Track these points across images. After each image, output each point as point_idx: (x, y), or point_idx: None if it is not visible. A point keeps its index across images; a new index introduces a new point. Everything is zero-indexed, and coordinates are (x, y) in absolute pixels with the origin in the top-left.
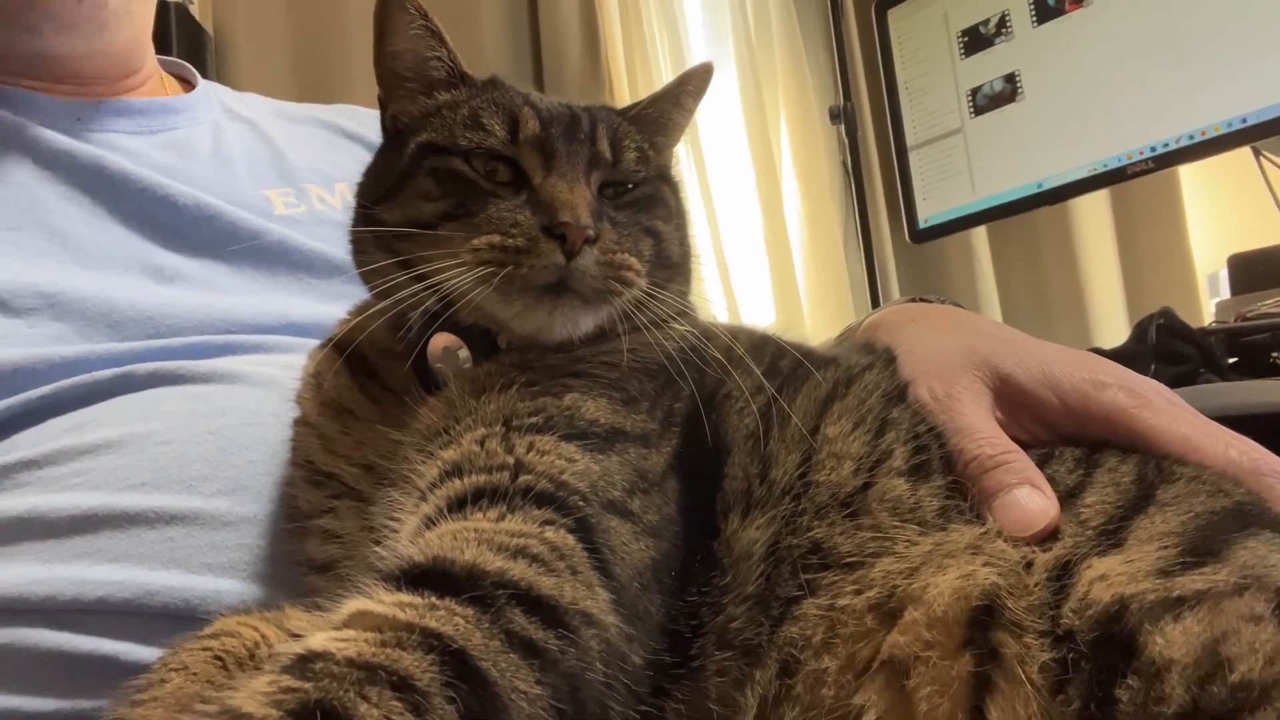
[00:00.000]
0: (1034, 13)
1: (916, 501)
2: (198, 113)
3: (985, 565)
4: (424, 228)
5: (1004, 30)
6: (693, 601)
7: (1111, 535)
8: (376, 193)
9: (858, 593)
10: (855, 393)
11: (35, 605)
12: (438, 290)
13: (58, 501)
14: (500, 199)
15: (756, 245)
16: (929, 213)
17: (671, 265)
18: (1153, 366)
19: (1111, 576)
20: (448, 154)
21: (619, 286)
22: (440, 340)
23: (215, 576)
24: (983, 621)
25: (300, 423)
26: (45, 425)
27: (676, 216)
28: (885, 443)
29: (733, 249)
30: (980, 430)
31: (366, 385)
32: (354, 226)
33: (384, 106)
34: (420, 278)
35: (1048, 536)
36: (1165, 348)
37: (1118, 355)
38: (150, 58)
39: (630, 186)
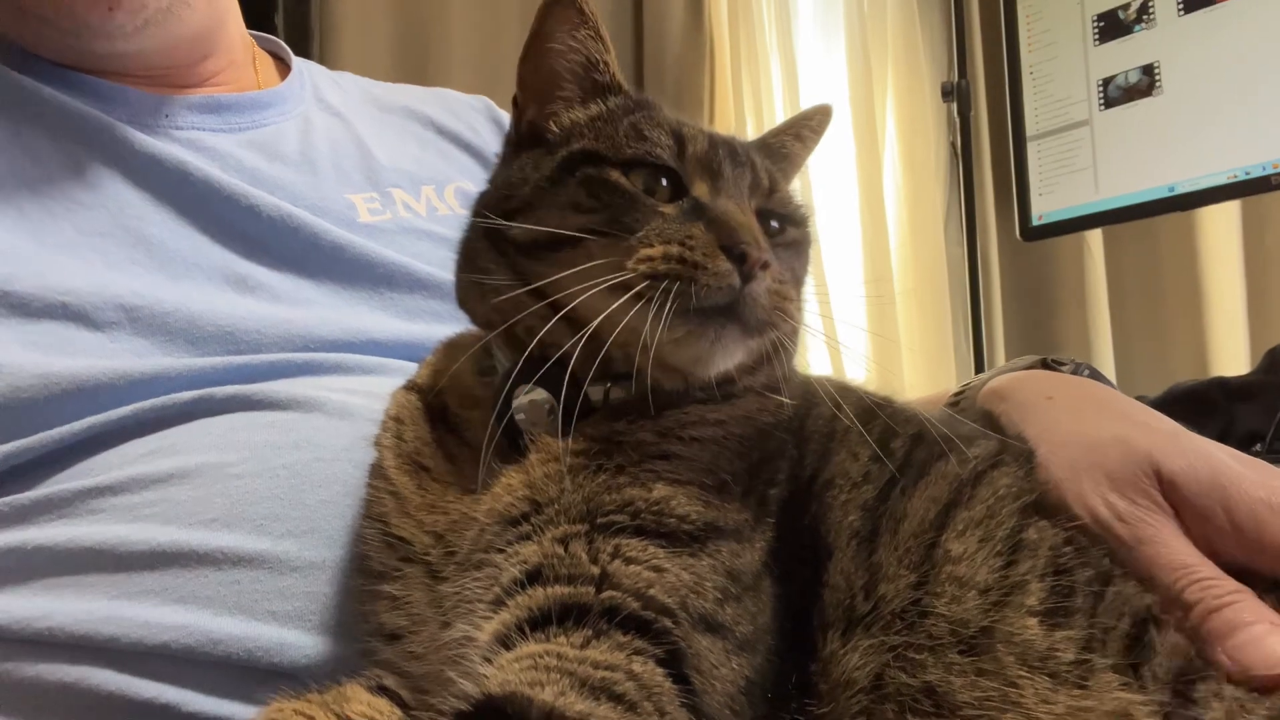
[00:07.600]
0: (1181, 0)
1: (1050, 648)
2: (287, 106)
3: None
4: (567, 243)
5: (1145, 17)
6: None
7: None
8: (508, 204)
9: None
10: (982, 498)
11: (100, 644)
12: (572, 319)
13: (128, 534)
14: (662, 215)
15: (851, 224)
16: (1044, 209)
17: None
18: None
19: None
20: (604, 164)
21: (781, 320)
22: (527, 395)
23: (280, 626)
24: None
25: (377, 474)
26: (124, 448)
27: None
28: (1018, 573)
29: (825, 226)
30: (1195, 567)
31: (444, 440)
32: (470, 240)
33: (520, 110)
34: (556, 305)
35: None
36: None
37: (1243, 386)
38: (232, 40)
39: (779, 227)
